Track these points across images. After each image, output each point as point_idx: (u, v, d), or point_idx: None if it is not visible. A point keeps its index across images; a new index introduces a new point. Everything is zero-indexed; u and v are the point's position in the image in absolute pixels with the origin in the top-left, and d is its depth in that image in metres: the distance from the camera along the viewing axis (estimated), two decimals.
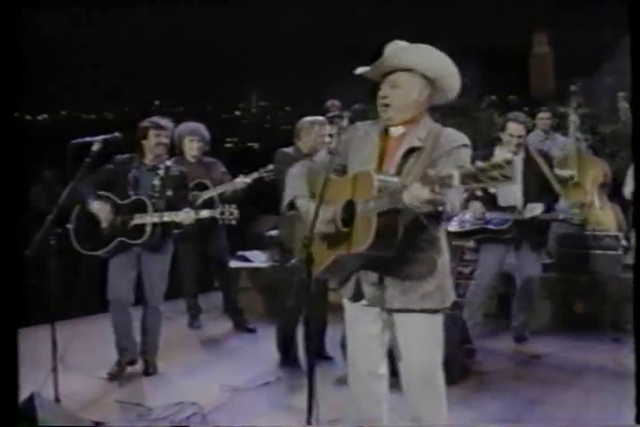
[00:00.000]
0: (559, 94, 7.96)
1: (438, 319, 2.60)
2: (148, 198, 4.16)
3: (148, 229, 4.10)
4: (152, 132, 4.23)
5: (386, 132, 2.61)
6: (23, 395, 3.24)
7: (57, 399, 3.44)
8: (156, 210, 4.12)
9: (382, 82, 2.57)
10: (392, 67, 2.52)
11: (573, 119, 6.21)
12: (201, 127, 5.29)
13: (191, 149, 5.20)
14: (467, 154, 2.50)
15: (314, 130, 4.32)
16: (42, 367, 3.52)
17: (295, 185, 2.70)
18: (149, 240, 4.12)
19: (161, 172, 4.25)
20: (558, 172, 6.18)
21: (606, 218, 5.98)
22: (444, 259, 2.59)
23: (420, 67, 2.50)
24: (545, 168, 4.69)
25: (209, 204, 5.00)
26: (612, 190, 6.11)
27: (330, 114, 2.65)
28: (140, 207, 4.14)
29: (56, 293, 3.52)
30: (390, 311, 2.58)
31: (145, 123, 4.27)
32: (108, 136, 3.80)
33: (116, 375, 4.21)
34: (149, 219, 4.09)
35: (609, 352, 4.65)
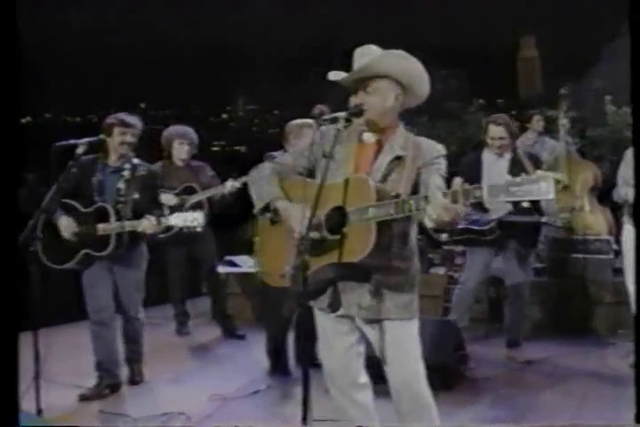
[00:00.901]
0: (547, 97, 7.99)
1: (417, 325, 2.61)
2: (114, 204, 3.90)
3: (113, 239, 3.84)
4: (117, 130, 3.93)
5: (359, 138, 2.60)
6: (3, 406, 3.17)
7: (39, 411, 3.31)
8: (120, 217, 3.86)
9: (356, 88, 2.53)
10: (370, 74, 2.49)
11: (563, 122, 6.19)
12: (190, 130, 5.23)
13: (180, 152, 5.13)
14: (445, 164, 2.57)
15: (303, 133, 4.22)
16: (22, 377, 3.40)
17: (270, 187, 2.62)
18: (115, 251, 3.86)
19: (126, 173, 3.97)
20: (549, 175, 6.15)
21: (596, 222, 5.95)
22: (420, 268, 2.63)
23: (396, 73, 2.49)
24: (530, 170, 4.65)
25: (198, 208, 4.93)
26: (602, 194, 6.09)
27: (326, 116, 2.55)
28: (103, 215, 3.87)
29: (37, 299, 3.36)
30: (371, 321, 2.54)
31: (109, 119, 3.97)
32: (93, 139, 3.69)
33: (91, 398, 3.91)
34: (111, 229, 3.83)
35: (603, 357, 4.62)
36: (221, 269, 5.61)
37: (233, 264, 5.99)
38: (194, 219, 3.72)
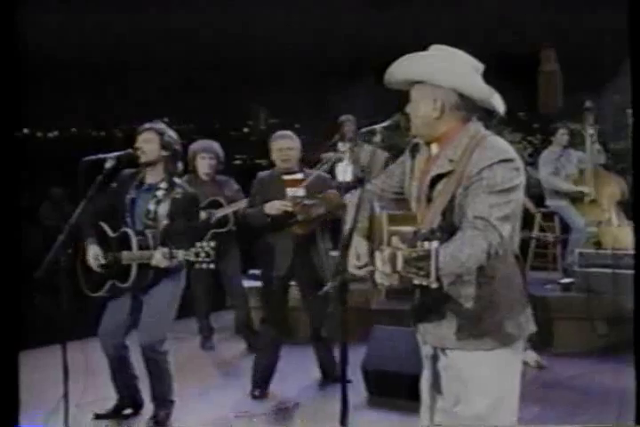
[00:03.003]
0: (570, 111, 7.91)
1: (501, 355, 2.22)
2: (143, 227, 3.59)
3: (134, 270, 3.52)
4: (139, 138, 3.66)
5: (429, 150, 2.31)
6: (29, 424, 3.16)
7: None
8: (145, 245, 3.50)
9: None
10: (399, 79, 2.27)
11: (591, 132, 6.12)
12: (214, 145, 5.22)
13: (203, 166, 5.13)
14: (505, 172, 2.09)
15: (273, 145, 4.15)
16: (49, 393, 3.36)
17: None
18: (137, 283, 3.57)
19: (160, 193, 3.62)
20: (575, 187, 6.12)
21: (624, 236, 5.86)
22: (507, 293, 2.21)
23: (425, 76, 2.20)
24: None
25: (224, 222, 4.92)
26: (630, 208, 6.01)
27: (363, 129, 2.44)
28: (125, 243, 3.55)
29: (67, 314, 3.28)
30: (442, 349, 2.29)
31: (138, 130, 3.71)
32: (122, 153, 3.58)
33: (106, 418, 3.83)
34: (132, 258, 3.52)
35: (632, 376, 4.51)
36: (246, 283, 5.58)
37: (256, 278, 5.94)
38: (206, 253, 3.39)
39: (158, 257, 3.46)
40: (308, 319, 4.38)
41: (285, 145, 4.14)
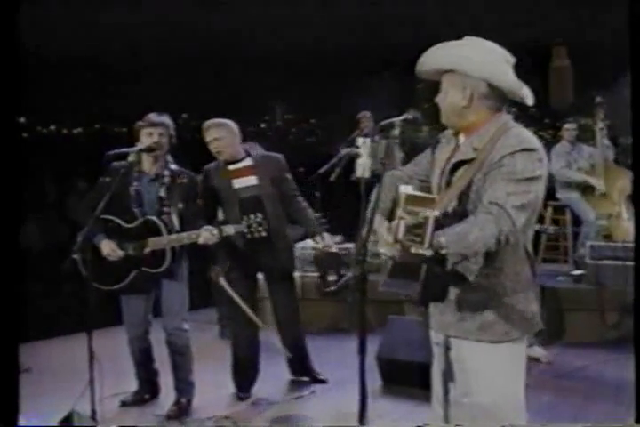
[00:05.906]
0: (580, 106, 7.97)
1: (504, 350, 2.23)
2: (158, 215, 3.67)
3: (168, 254, 3.62)
4: (143, 131, 3.69)
5: (457, 140, 2.33)
6: (60, 409, 3.30)
7: (93, 413, 3.33)
8: (169, 230, 3.63)
9: None
10: (430, 68, 2.28)
11: (601, 126, 6.19)
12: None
13: None
14: (527, 161, 2.09)
15: (205, 138, 3.93)
16: (77, 380, 3.44)
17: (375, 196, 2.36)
18: (170, 266, 3.67)
19: (166, 180, 3.71)
20: (587, 179, 6.19)
21: (634, 229, 5.92)
22: (514, 286, 2.21)
23: (455, 65, 2.21)
24: None
25: None
26: None
27: (383, 122, 2.49)
28: (153, 230, 3.63)
29: (92, 303, 3.40)
30: (447, 337, 2.33)
31: (138, 123, 3.73)
32: (144, 147, 3.68)
33: (130, 404, 3.96)
34: (166, 243, 3.59)
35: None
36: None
37: None
38: (258, 223, 3.57)
39: (206, 235, 3.54)
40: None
41: (213, 136, 3.85)
